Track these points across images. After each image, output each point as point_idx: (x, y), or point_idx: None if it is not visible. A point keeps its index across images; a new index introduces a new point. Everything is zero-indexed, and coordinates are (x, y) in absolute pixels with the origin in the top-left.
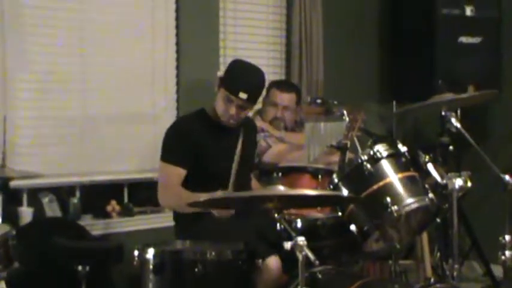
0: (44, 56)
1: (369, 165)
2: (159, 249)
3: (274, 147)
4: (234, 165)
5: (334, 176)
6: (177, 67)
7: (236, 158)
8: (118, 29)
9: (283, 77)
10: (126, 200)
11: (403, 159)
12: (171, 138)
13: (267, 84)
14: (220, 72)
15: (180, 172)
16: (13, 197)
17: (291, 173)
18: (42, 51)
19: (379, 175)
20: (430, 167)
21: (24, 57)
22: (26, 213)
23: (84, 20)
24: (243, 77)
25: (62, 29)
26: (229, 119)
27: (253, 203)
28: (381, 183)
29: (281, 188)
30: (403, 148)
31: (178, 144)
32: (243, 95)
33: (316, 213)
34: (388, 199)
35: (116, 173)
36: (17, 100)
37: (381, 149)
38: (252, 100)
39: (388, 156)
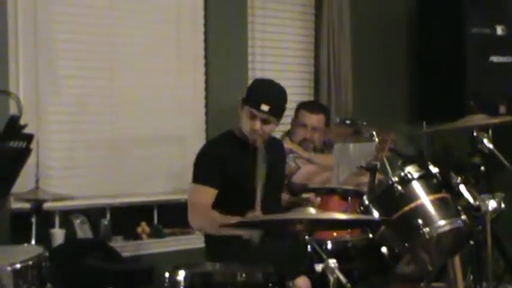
0: (75, 80)
1: (399, 187)
2: (189, 271)
3: (304, 169)
4: (259, 185)
5: (365, 197)
6: (206, 90)
7: (260, 177)
8: (147, 52)
9: (311, 98)
10: (155, 221)
11: (435, 181)
12: (202, 160)
13: (295, 105)
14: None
15: (211, 194)
16: (46, 219)
17: (319, 195)
18: (73, 76)
19: (411, 197)
20: (462, 188)
21: (56, 82)
22: (58, 234)
23: (113, 44)
24: (263, 90)
25: (92, 54)
26: (254, 136)
27: (284, 225)
28: (412, 205)
29: (312, 211)
30: (434, 169)
31: (209, 166)
32: (265, 107)
33: (346, 235)
34: (420, 221)
35: (145, 195)
36: (49, 124)
37: (412, 170)
38: (274, 112)
39: (419, 178)
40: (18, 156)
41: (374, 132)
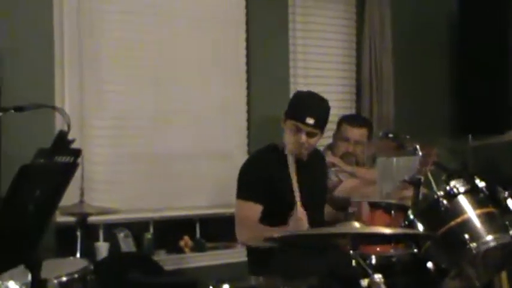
0: (119, 95)
1: (445, 201)
2: (233, 285)
3: (346, 182)
4: (297, 198)
5: (409, 212)
6: (248, 104)
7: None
8: (190, 68)
9: (353, 112)
10: (198, 235)
11: (481, 195)
12: (246, 175)
13: (337, 119)
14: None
15: (257, 208)
16: (90, 232)
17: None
18: (118, 91)
19: (457, 211)
20: (510, 202)
21: (101, 97)
22: (103, 248)
23: (158, 60)
24: (306, 104)
25: (136, 69)
26: (300, 149)
27: (328, 239)
28: (458, 220)
29: (356, 225)
30: (480, 183)
31: (254, 180)
32: (309, 120)
33: (390, 250)
34: (466, 236)
35: (188, 209)
36: (93, 138)
37: (458, 185)
38: (319, 125)
39: (465, 192)
40: (65, 171)
41: (417, 146)
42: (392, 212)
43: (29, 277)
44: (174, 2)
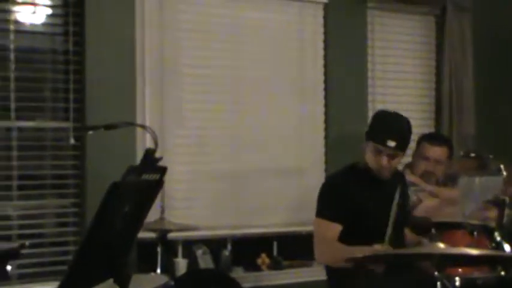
0: (198, 113)
1: None
2: None
3: (426, 202)
4: (391, 219)
5: (496, 233)
6: (325, 121)
7: (393, 211)
8: (268, 86)
9: (432, 130)
10: (275, 253)
11: None
12: (326, 194)
13: (417, 137)
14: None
15: (337, 228)
16: (170, 249)
17: (444, 229)
18: (197, 109)
19: None
20: None
21: (180, 114)
22: (181, 264)
23: (236, 78)
24: (388, 126)
25: (215, 88)
26: (381, 170)
27: (411, 260)
28: None
29: (442, 246)
30: None
31: (335, 199)
32: (391, 143)
33: (474, 272)
34: None
35: (265, 227)
36: (173, 155)
37: None
38: (400, 147)
39: None
40: (151, 188)
41: (502, 166)
42: (475, 233)
43: None
44: (252, 22)
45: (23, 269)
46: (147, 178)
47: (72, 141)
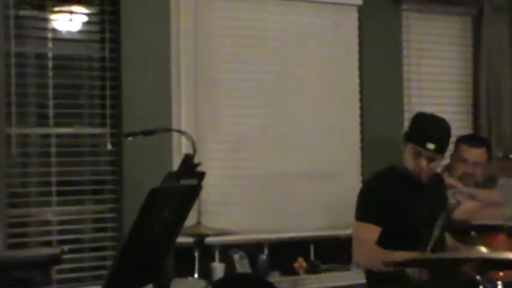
0: (233, 118)
1: None
2: None
3: (465, 205)
4: (434, 238)
5: None
6: (361, 124)
7: (436, 231)
8: (302, 90)
9: (470, 131)
10: (312, 257)
11: None
12: (366, 197)
13: (455, 139)
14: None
15: (376, 230)
16: (207, 253)
17: (484, 232)
18: (232, 114)
19: None
20: None
21: (215, 120)
22: (219, 268)
23: (270, 82)
24: (428, 128)
25: (250, 91)
26: (419, 173)
27: (453, 264)
28: None
29: (484, 250)
30: None
31: (374, 202)
32: (430, 146)
33: None
34: None
35: (302, 230)
36: (209, 160)
37: None
38: (440, 150)
39: None
40: (190, 193)
41: None
42: None
43: None
44: (286, 26)
45: (62, 274)
46: (185, 183)
47: (109, 147)
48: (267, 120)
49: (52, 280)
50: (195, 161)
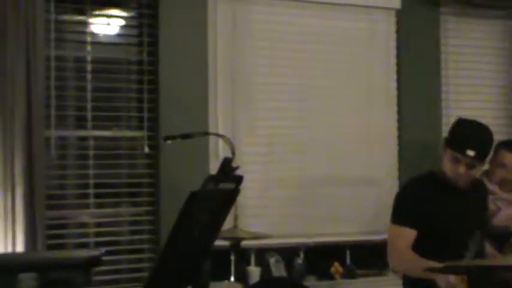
0: (269, 121)
1: None
2: None
3: (505, 211)
4: (472, 248)
5: None
6: (399, 129)
7: (480, 221)
8: (339, 93)
9: (510, 136)
10: (348, 262)
11: None
12: (403, 200)
13: (494, 143)
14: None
15: (411, 235)
16: (242, 257)
17: None
18: (268, 117)
19: None
20: None
21: (251, 123)
22: (254, 272)
23: (307, 86)
24: (468, 134)
25: (286, 95)
26: (458, 179)
27: (495, 272)
28: None
29: None
30: None
31: (411, 206)
32: (470, 152)
33: None
34: None
35: (338, 235)
36: (245, 163)
37: None
38: (480, 157)
39: None
40: (228, 197)
41: None
42: None
43: None
44: (323, 30)
45: (99, 275)
46: (224, 187)
47: (146, 150)
48: (304, 123)
49: (91, 281)
50: (233, 164)
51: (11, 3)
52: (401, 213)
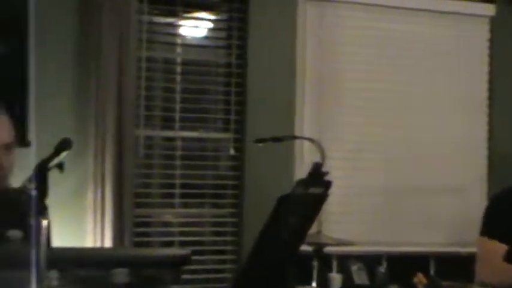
0: (356, 127)
1: None
2: None
3: None
4: None
5: None
6: (489, 139)
7: None
8: (428, 101)
9: None
10: (432, 272)
11: None
12: (494, 212)
13: None
14: None
15: (503, 248)
16: (324, 263)
17: None
18: (355, 123)
19: None
20: None
21: (338, 128)
22: (336, 279)
23: (396, 93)
24: None
25: (374, 101)
26: None
27: None
28: None
29: None
30: None
31: (502, 218)
32: None
33: None
34: None
35: (422, 245)
36: (330, 169)
37: None
38: None
39: None
40: (317, 202)
41: None
42: None
43: None
44: (414, 36)
45: (183, 275)
46: (313, 191)
47: (232, 152)
48: (390, 131)
49: (180, 280)
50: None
51: (106, 3)
52: (492, 225)
